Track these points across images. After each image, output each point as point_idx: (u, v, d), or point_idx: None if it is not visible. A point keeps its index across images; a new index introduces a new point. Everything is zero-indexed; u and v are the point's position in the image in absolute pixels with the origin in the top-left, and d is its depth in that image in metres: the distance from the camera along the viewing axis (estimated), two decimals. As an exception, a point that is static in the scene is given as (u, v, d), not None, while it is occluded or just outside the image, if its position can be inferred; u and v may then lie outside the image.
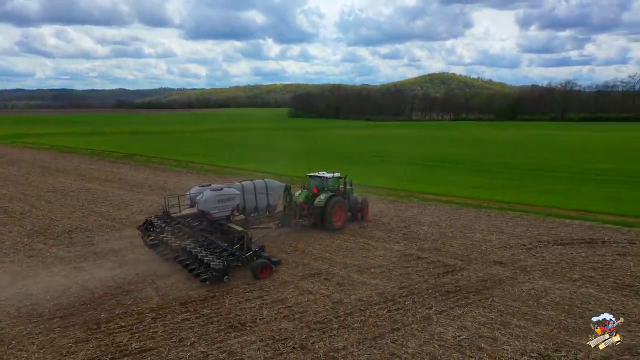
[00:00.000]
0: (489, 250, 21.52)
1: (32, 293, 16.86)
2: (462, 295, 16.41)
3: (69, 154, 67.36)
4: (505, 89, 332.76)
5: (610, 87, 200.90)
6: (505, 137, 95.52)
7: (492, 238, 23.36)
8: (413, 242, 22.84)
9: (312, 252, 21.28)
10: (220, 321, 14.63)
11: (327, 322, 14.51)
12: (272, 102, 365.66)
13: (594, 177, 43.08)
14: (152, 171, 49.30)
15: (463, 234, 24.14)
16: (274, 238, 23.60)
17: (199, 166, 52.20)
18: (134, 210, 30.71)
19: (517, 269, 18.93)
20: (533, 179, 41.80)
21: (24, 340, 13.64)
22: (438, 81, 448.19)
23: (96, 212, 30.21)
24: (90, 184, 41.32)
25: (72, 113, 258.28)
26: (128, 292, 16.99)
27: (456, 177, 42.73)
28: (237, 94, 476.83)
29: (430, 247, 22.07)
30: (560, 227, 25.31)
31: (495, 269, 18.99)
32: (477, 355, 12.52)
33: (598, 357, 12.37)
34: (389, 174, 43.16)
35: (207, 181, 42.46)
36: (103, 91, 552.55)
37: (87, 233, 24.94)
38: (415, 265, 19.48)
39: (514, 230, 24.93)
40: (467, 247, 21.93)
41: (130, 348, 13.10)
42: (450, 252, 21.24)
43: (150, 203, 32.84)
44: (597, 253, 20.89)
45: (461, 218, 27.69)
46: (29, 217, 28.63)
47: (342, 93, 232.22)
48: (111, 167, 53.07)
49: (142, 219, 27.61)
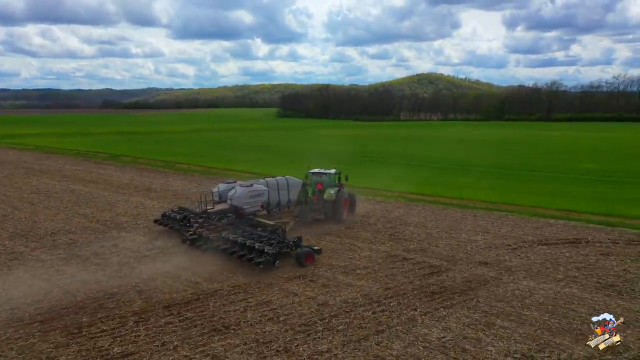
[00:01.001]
0: (475, 250, 21.61)
1: (12, 297, 16.57)
2: (447, 296, 16.43)
3: (53, 154, 66.60)
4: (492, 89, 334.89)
5: (595, 88, 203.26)
6: (492, 137, 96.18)
7: (478, 238, 23.45)
8: (399, 242, 22.86)
9: (297, 254, 21.18)
10: (203, 324, 14.49)
11: (311, 324, 14.44)
12: (260, 102, 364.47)
13: (579, 177, 43.55)
14: (138, 172, 48.87)
15: (449, 235, 24.22)
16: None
17: (186, 167, 51.87)
18: (118, 211, 30.38)
19: (502, 270, 19.02)
20: (519, 179, 42.15)
21: (2, 345, 13.40)
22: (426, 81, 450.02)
23: (80, 213, 29.84)
24: (75, 185, 40.84)
25: (58, 113, 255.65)
26: (111, 295, 16.76)
27: (442, 178, 42.91)
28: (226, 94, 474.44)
29: (416, 247, 22.10)
30: (545, 227, 25.49)
31: (480, 270, 19.06)
32: (462, 356, 12.52)
33: (581, 357, 12.43)
34: (375, 175, 43.25)
35: (194, 181, 42.35)
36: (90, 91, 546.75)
37: (70, 235, 24.60)
38: (401, 266, 19.48)
39: (500, 230, 25.07)
40: (452, 248, 22.00)
41: (112, 353, 12.91)
42: (435, 253, 21.28)
43: (136, 204, 32.54)
44: (581, 253, 21.06)
45: (447, 218, 27.79)
46: (11, 219, 28.21)
47: (330, 93, 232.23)
48: (97, 168, 52.53)
49: (126, 221, 27.55)
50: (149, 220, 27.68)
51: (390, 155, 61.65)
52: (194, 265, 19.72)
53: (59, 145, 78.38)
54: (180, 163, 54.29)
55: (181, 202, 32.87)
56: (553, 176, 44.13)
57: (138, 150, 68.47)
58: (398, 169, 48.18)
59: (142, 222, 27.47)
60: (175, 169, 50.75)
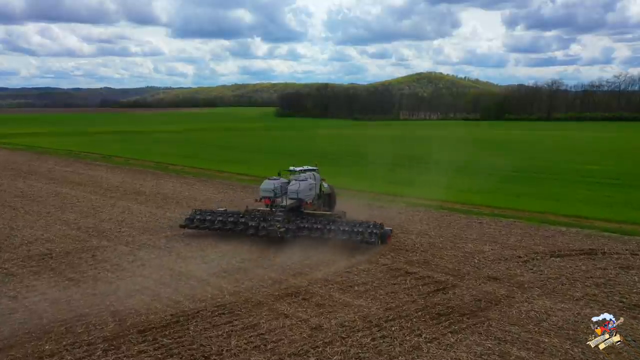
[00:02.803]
0: (482, 263, 19.94)
1: (-29, 319, 14.90)
2: (455, 319, 14.76)
3: (44, 155, 64.96)
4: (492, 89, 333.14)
5: (596, 87, 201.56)
6: (492, 137, 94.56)
7: (485, 249, 21.79)
8: (401, 254, 21.18)
9: (290, 267, 19.52)
10: (181, 353, 12.82)
11: (303, 353, 12.78)
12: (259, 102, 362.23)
13: (584, 179, 41.83)
14: (129, 174, 47.21)
15: (454, 244, 22.55)
16: (251, 250, 21.84)
17: (180, 168, 50.19)
18: (103, 217, 28.70)
19: (514, 286, 17.36)
20: (523, 182, 40.46)
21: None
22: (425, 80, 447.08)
23: (62, 219, 28.15)
24: (62, 188, 39.17)
25: (56, 112, 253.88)
26: (81, 317, 15.07)
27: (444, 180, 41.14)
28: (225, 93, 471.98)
29: (419, 259, 20.43)
30: (556, 236, 23.83)
31: (490, 286, 17.41)
32: (474, 396, 10.87)
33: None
34: (375, 177, 41.60)
35: (186, 184, 40.67)
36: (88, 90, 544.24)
37: (47, 245, 22.89)
38: (403, 282, 17.81)
39: (508, 239, 23.40)
40: (458, 260, 20.33)
41: (73, 390, 11.25)
42: (440, 266, 19.62)
43: (122, 209, 30.87)
44: (598, 266, 19.40)
45: (451, 226, 26.12)
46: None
47: (329, 92, 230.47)
48: (87, 169, 50.87)
49: (109, 229, 25.85)
50: (134, 228, 26.05)
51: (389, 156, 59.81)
52: (177, 280, 18.07)
53: (51, 145, 76.69)
54: (174, 164, 52.61)
55: (172, 206, 31.25)
56: (557, 178, 42.44)
57: (131, 151, 66.81)
58: (397, 170, 46.52)
59: (126, 229, 25.79)
60: (167, 170, 49.06)
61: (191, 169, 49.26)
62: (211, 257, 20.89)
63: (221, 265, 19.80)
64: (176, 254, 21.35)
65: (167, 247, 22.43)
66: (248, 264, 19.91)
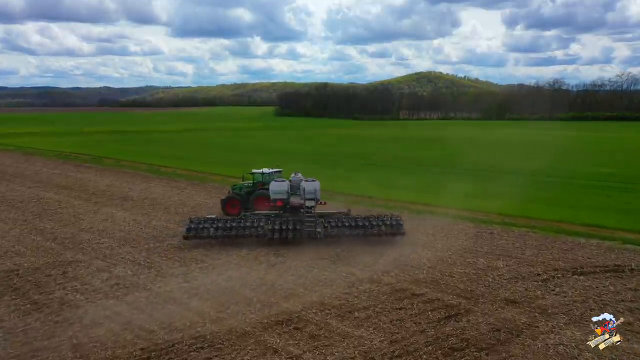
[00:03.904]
0: (497, 282, 17.83)
1: None
2: (472, 355, 12.68)
3: (34, 156, 62.81)
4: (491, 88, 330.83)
5: (599, 86, 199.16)
6: (496, 137, 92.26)
7: (499, 265, 19.68)
8: (405, 270, 19.06)
9: (282, 287, 17.41)
10: (147, 403, 10.74)
11: (293, 403, 10.69)
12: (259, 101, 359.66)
13: (597, 184, 39.61)
14: (119, 176, 45.09)
15: (464, 259, 20.42)
16: (240, 265, 19.74)
17: (171, 171, 48.03)
18: (83, 226, 26.60)
19: (536, 312, 15.25)
20: (532, 186, 38.16)
21: None
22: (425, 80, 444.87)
23: (38, 228, 26.07)
24: (46, 192, 37.08)
25: (55, 112, 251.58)
26: (36, 351, 12.99)
27: (448, 183, 39.05)
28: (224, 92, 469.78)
29: (426, 278, 18.31)
30: (575, 249, 21.71)
31: (508, 311, 15.30)
32: None
33: None
34: (376, 180, 39.59)
35: (176, 188, 38.55)
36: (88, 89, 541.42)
37: (16, 259, 20.81)
38: (410, 307, 15.70)
39: (523, 253, 21.27)
40: (470, 278, 18.22)
41: None
42: (450, 286, 17.50)
43: (105, 217, 28.78)
44: (628, 287, 17.28)
45: (460, 236, 23.98)
46: (-44, 237, 24.41)
47: (329, 92, 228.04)
48: (76, 171, 48.74)
49: (88, 240, 23.70)
50: (114, 238, 23.96)
51: (393, 159, 57.71)
52: (153, 304, 15.97)
53: (43, 145, 74.50)
54: (165, 166, 50.44)
55: (159, 213, 29.14)
56: (569, 183, 40.28)
57: (124, 152, 64.61)
58: (398, 174, 44.45)
59: (106, 240, 23.70)
60: (158, 173, 46.90)
61: (184, 172, 47.10)
62: (194, 274, 18.79)
63: (205, 284, 17.69)
64: (156, 270, 19.25)
65: (147, 262, 20.32)
66: (235, 283, 17.80)
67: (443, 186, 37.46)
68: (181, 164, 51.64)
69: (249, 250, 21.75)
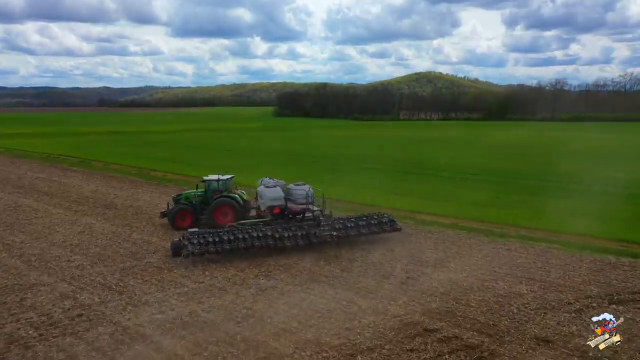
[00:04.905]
0: (523, 313, 15.29)
1: None
2: (504, 420, 10.14)
3: (21, 158, 60.25)
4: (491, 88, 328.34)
5: (601, 87, 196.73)
6: (500, 139, 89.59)
7: (522, 290, 17.15)
8: (415, 297, 16.53)
9: (273, 320, 14.86)
10: None
11: None
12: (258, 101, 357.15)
13: (616, 191, 36.95)
14: (105, 181, 42.59)
15: (481, 282, 17.89)
16: (226, 290, 17.21)
17: (161, 175, 45.51)
18: (56, 240, 24.05)
19: (575, 355, 12.73)
20: (546, 193, 35.56)
21: None
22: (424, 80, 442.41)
23: (6, 243, 23.56)
24: (25, 199, 34.58)
25: (53, 111, 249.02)
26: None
27: (456, 190, 36.56)
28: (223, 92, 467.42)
29: (439, 307, 15.77)
30: (606, 270, 19.19)
31: (542, 354, 12.77)
32: None
33: None
34: (378, 186, 37.10)
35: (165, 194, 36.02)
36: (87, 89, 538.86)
37: (-29, 281, 18.27)
38: (423, 348, 13.16)
39: (548, 274, 18.74)
40: (491, 308, 15.68)
41: None
42: (469, 319, 14.96)
43: (83, 228, 26.28)
44: (678, 320, 14.76)
45: (473, 253, 21.45)
46: None
47: (328, 92, 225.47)
48: (61, 175, 46.22)
49: (58, 256, 21.11)
50: (87, 255, 21.45)
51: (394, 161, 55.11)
52: (117, 343, 13.44)
53: (34, 147, 71.83)
54: (156, 170, 47.91)
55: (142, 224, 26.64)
56: (585, 189, 37.68)
57: (115, 154, 61.98)
58: (401, 178, 41.94)
59: (78, 257, 21.16)
60: (148, 177, 44.39)
61: (174, 176, 44.56)
62: (171, 302, 16.25)
63: (182, 316, 15.16)
64: (128, 297, 16.72)
65: (120, 285, 17.80)
66: (217, 314, 15.26)
67: (451, 193, 35.00)
68: (173, 168, 49.05)
69: (236, 271, 19.24)
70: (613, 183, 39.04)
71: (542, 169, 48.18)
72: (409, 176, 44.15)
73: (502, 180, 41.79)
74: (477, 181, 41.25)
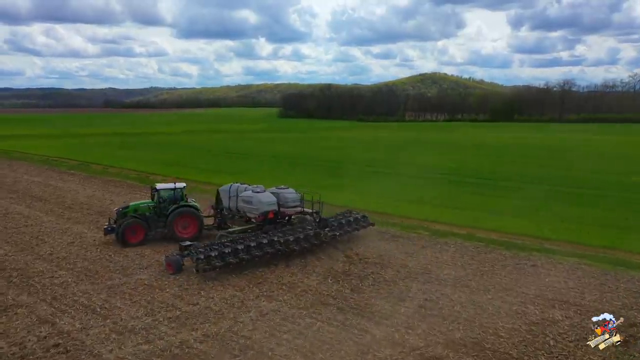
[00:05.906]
0: (562, 346, 13.35)
1: None
2: None
3: (18, 161, 58.67)
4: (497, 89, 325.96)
5: (610, 87, 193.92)
6: (510, 141, 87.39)
7: (557, 316, 15.21)
8: (436, 325, 14.61)
9: (274, 353, 12.99)
10: None
11: None
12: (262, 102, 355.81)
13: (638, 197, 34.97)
14: (102, 186, 40.89)
15: (509, 306, 15.95)
16: (217, 311, 15.36)
17: (160, 179, 43.68)
18: (42, 251, 22.29)
19: (629, 403, 10.83)
20: (566, 200, 33.54)
21: None
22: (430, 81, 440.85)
23: (-12, 255, 21.80)
24: (16, 205, 32.91)
25: (58, 113, 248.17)
26: None
27: (473, 198, 34.58)
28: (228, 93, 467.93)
29: (464, 337, 13.86)
30: (646, 290, 17.23)
31: (589, 401, 10.87)
32: None
33: None
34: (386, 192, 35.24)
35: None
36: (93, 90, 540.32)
37: (-59, 301, 16.50)
38: (449, 391, 11.28)
39: (582, 296, 16.79)
40: (524, 339, 13.75)
41: None
42: (499, 352, 13.04)
43: (73, 238, 24.55)
44: None
45: (496, 270, 19.50)
46: None
47: (333, 93, 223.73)
48: (58, 179, 44.55)
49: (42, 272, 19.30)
50: (74, 270, 19.69)
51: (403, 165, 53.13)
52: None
53: (33, 149, 70.36)
54: (156, 174, 46.18)
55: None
56: (605, 195, 35.66)
57: (115, 157, 60.30)
58: (411, 183, 39.99)
59: (63, 273, 19.38)
60: (147, 182, 42.59)
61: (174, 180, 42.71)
62: (160, 329, 14.37)
63: (171, 347, 13.31)
64: (112, 322, 14.88)
65: (104, 307, 15.98)
66: (212, 345, 13.38)
67: (466, 200, 33.05)
68: (173, 172, 47.28)
69: (235, 290, 17.40)
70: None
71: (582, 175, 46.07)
72: (420, 181, 42.16)
73: (515, 185, 39.77)
74: (491, 186, 39.28)
